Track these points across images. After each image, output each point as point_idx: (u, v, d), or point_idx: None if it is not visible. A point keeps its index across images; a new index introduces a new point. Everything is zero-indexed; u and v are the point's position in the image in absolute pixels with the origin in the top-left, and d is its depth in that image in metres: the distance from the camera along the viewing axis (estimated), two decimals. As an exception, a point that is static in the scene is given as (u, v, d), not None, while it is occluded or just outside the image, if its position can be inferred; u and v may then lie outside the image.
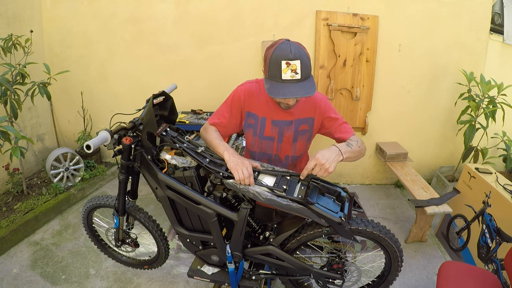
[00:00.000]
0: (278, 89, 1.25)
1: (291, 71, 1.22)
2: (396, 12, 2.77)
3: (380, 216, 2.77)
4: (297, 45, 1.25)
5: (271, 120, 1.48)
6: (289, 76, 1.23)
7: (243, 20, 2.85)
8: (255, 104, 1.49)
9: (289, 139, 1.51)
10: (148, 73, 3.09)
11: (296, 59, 1.21)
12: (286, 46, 1.22)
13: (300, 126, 1.49)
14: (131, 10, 2.91)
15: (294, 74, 1.23)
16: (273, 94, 1.25)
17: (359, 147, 1.40)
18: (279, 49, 1.23)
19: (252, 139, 1.55)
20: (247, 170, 1.30)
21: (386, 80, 2.94)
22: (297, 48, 1.23)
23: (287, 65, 1.22)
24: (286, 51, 1.21)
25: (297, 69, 1.22)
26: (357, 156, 1.40)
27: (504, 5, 2.86)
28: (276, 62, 1.23)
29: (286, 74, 1.23)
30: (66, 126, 3.41)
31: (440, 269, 1.52)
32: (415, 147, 3.14)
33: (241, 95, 1.49)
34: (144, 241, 2.05)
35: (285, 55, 1.21)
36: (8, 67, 2.31)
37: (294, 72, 1.22)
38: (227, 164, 1.34)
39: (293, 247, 1.49)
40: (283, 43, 1.24)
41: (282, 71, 1.23)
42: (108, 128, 1.36)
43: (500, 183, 2.04)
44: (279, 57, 1.22)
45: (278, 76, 1.24)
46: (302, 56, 1.22)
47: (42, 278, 2.04)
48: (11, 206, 2.54)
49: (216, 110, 1.56)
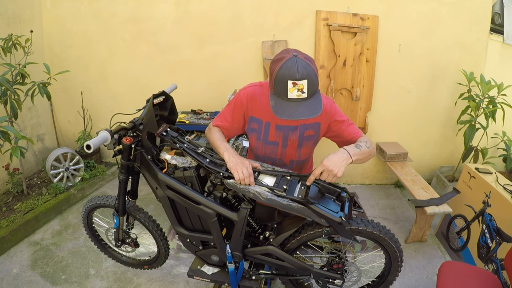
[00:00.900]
0: (283, 108, 1.21)
1: (297, 90, 1.18)
2: (396, 12, 2.77)
3: (380, 216, 2.77)
4: (305, 62, 1.18)
5: (276, 124, 1.46)
6: (295, 95, 1.19)
7: (243, 20, 2.85)
8: (258, 108, 1.46)
9: (294, 144, 1.50)
10: (148, 73, 3.09)
11: (304, 79, 1.16)
12: (293, 65, 1.16)
13: (305, 131, 1.48)
14: (131, 10, 2.91)
15: (301, 94, 1.19)
16: (279, 114, 1.22)
17: (368, 147, 1.36)
18: (285, 67, 1.17)
19: (256, 143, 1.55)
20: (247, 170, 1.30)
21: (386, 80, 2.94)
22: (304, 66, 1.17)
23: (293, 85, 1.17)
24: (293, 70, 1.16)
25: (303, 88, 1.18)
26: (367, 157, 1.37)
27: (504, 5, 2.86)
28: (282, 81, 1.18)
29: (292, 93, 1.19)
30: (66, 126, 3.41)
31: (440, 269, 1.52)
32: (415, 147, 3.14)
33: (243, 100, 1.46)
34: (144, 241, 2.05)
35: (292, 75, 1.16)
36: (8, 67, 2.31)
37: (300, 91, 1.18)
38: (227, 164, 1.34)
39: (293, 247, 1.49)
40: (290, 60, 1.17)
41: (288, 91, 1.19)
42: (108, 128, 1.36)
43: (500, 183, 2.04)
44: (285, 77, 1.17)
45: (283, 94, 1.20)
46: (309, 75, 1.17)
47: (42, 278, 2.04)
48: (11, 206, 2.54)
49: (220, 111, 1.56)
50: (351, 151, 1.29)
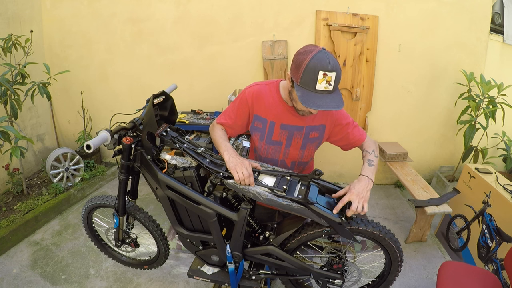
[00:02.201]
0: (311, 99, 1.23)
1: (326, 82, 1.21)
2: (396, 12, 2.77)
3: (380, 216, 2.77)
4: (333, 56, 1.24)
5: (281, 124, 1.46)
6: (323, 87, 1.22)
7: (243, 20, 2.85)
8: (263, 107, 1.46)
9: (298, 144, 1.50)
10: (148, 73, 3.09)
11: (334, 71, 1.20)
12: (324, 57, 1.20)
13: (310, 133, 1.48)
14: (131, 10, 2.91)
15: (328, 86, 1.21)
16: (307, 104, 1.22)
17: (376, 157, 1.46)
18: (317, 59, 1.20)
19: (259, 143, 1.54)
20: (246, 170, 1.30)
21: (386, 80, 2.94)
22: (334, 59, 1.22)
23: (323, 76, 1.20)
24: (325, 61, 1.19)
25: (331, 80, 1.21)
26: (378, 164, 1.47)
27: (504, 5, 2.86)
28: (313, 71, 1.20)
29: (320, 84, 1.21)
30: (66, 126, 3.41)
31: (440, 269, 1.52)
32: (415, 147, 3.14)
33: (248, 98, 1.46)
34: (144, 241, 2.05)
35: (324, 65, 1.19)
36: (8, 67, 2.32)
37: (328, 83, 1.21)
38: (227, 164, 1.34)
39: (293, 247, 1.49)
40: (321, 53, 1.21)
41: (318, 81, 1.21)
42: (108, 128, 1.36)
43: (500, 183, 2.04)
44: (318, 67, 1.19)
45: (312, 85, 1.22)
46: (337, 69, 1.21)
47: (42, 278, 2.04)
48: (11, 206, 2.54)
49: (225, 109, 1.56)
50: (370, 175, 1.37)
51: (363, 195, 1.29)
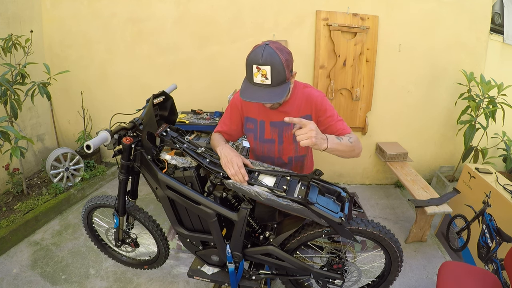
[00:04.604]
0: (247, 91, 1.29)
1: (261, 76, 1.26)
2: (396, 12, 2.77)
3: (380, 216, 2.77)
4: (273, 50, 1.23)
5: (270, 121, 1.50)
6: (259, 80, 1.27)
7: (243, 20, 2.85)
8: (252, 108, 1.51)
9: (289, 139, 1.52)
10: (148, 73, 3.09)
11: (267, 64, 1.23)
12: (260, 51, 1.23)
13: None
14: (131, 10, 2.91)
15: (264, 79, 1.26)
16: (242, 95, 1.30)
17: (350, 142, 1.35)
18: (253, 53, 1.26)
19: (253, 143, 1.58)
20: (236, 165, 1.33)
21: (386, 80, 2.94)
22: (271, 53, 1.22)
23: (257, 70, 1.25)
24: (258, 55, 1.23)
25: (267, 74, 1.25)
26: (347, 151, 1.34)
27: (504, 5, 2.86)
28: (249, 65, 1.27)
29: (256, 78, 1.26)
30: (66, 126, 3.40)
31: (440, 269, 1.52)
32: (415, 147, 3.14)
33: (237, 102, 1.53)
34: (144, 241, 2.05)
35: (256, 59, 1.24)
36: (8, 67, 2.31)
37: (264, 77, 1.26)
38: (220, 161, 1.38)
39: (293, 247, 1.49)
40: (259, 47, 1.25)
41: (253, 75, 1.27)
42: (108, 128, 1.36)
43: (500, 183, 2.04)
44: (251, 61, 1.26)
45: (250, 78, 1.29)
46: (274, 63, 1.23)
47: (42, 278, 2.04)
48: (11, 206, 2.54)
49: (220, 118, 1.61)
50: (329, 138, 1.27)
51: (315, 132, 1.19)
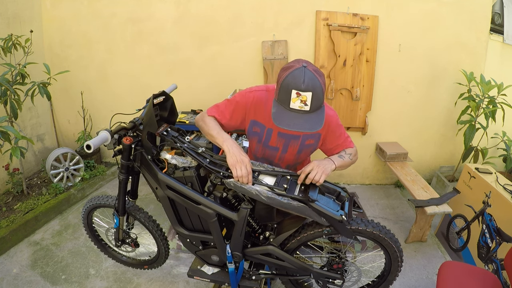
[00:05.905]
0: (283, 117, 1.19)
1: (300, 102, 1.16)
2: (396, 12, 2.77)
3: (380, 216, 2.77)
4: (313, 74, 1.16)
5: (278, 131, 1.46)
6: (298, 106, 1.17)
7: (243, 20, 2.85)
8: (262, 114, 1.45)
9: (294, 151, 1.51)
10: (148, 73, 3.09)
11: (308, 90, 1.14)
12: (300, 75, 1.15)
13: (307, 140, 1.48)
14: (131, 10, 2.91)
15: (303, 105, 1.17)
16: (277, 122, 1.20)
17: (351, 159, 1.50)
18: (292, 76, 1.15)
19: (256, 145, 1.55)
20: (246, 168, 1.30)
21: (386, 80, 2.94)
22: (311, 78, 1.15)
23: (297, 95, 1.15)
24: (299, 80, 1.14)
25: (307, 100, 1.16)
26: (348, 166, 1.52)
27: (504, 5, 2.86)
28: (286, 89, 1.17)
29: (294, 103, 1.17)
30: (66, 126, 3.40)
31: (440, 269, 1.52)
32: (415, 147, 3.14)
33: (247, 103, 1.44)
34: (144, 241, 2.05)
35: (297, 84, 1.14)
36: (8, 67, 2.31)
37: (303, 103, 1.16)
38: (227, 158, 1.33)
39: (293, 247, 1.49)
40: (298, 70, 1.16)
41: (291, 100, 1.17)
42: (108, 128, 1.36)
43: (500, 183, 2.04)
44: (290, 85, 1.15)
45: (286, 103, 1.18)
46: (315, 88, 1.15)
47: (42, 278, 2.04)
48: (11, 206, 2.54)
49: (218, 104, 1.51)
50: (334, 159, 1.43)
51: (323, 167, 1.32)
